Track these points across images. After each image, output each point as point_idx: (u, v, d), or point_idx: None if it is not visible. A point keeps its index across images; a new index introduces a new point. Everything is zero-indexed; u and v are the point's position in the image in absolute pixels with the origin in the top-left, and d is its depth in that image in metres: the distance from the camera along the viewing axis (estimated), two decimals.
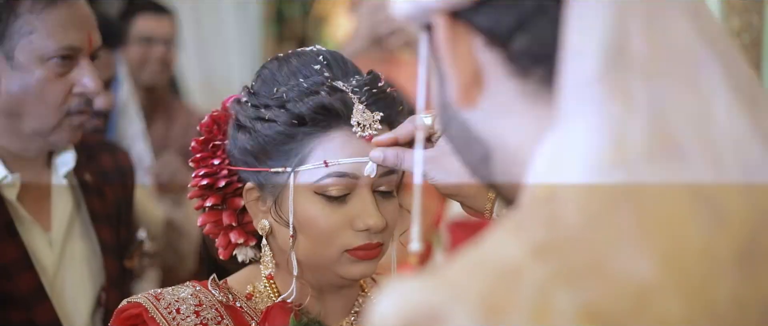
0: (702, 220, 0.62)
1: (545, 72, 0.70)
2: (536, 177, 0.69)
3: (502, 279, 0.61)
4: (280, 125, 1.23)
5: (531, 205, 0.67)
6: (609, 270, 0.60)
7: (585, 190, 0.63)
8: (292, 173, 1.24)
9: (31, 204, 1.75)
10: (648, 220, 0.62)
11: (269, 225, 1.28)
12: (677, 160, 0.63)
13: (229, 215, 1.31)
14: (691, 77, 0.66)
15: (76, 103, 1.68)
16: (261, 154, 1.26)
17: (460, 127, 0.76)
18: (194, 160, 1.32)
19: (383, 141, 1.23)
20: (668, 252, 0.61)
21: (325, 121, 1.23)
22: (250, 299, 1.30)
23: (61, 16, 1.66)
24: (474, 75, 0.72)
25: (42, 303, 1.69)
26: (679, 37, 0.67)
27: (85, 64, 1.68)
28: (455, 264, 0.64)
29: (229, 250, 1.32)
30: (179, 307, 1.27)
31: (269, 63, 1.32)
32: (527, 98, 0.71)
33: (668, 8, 0.67)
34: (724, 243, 0.62)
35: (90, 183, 1.83)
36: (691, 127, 0.64)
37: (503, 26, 0.70)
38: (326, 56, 1.29)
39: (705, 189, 0.63)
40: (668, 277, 0.60)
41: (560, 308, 0.59)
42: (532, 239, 0.62)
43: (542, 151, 0.69)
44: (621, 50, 0.65)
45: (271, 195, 1.27)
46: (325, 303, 1.32)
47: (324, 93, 1.23)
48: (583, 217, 0.62)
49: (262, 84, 1.28)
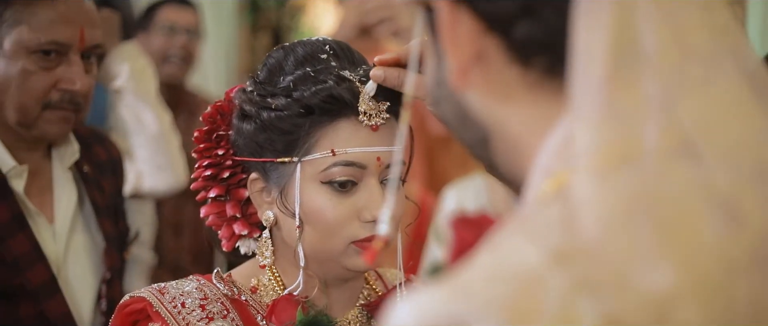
0: (719, 224, 0.60)
1: (549, 62, 0.69)
2: (542, 173, 0.67)
3: (524, 288, 0.59)
4: (286, 115, 1.22)
5: (540, 203, 0.65)
6: (629, 280, 0.59)
7: (597, 190, 0.61)
8: (299, 163, 1.22)
9: (35, 197, 1.74)
10: (665, 226, 0.60)
11: (274, 217, 1.26)
12: (692, 160, 0.61)
13: (233, 206, 1.29)
14: (705, 73, 0.64)
15: (57, 97, 1.66)
16: (266, 144, 1.24)
17: (455, 107, 0.74)
18: (197, 150, 1.30)
19: (386, 59, 1.21)
20: (686, 260, 0.59)
21: (332, 111, 1.21)
22: (255, 292, 1.29)
23: (50, 10, 1.65)
24: (473, 58, 0.70)
25: (53, 297, 1.68)
26: (693, 31, 0.65)
27: (74, 60, 1.66)
28: (473, 272, 0.62)
29: (232, 242, 1.30)
30: (184, 301, 1.25)
31: (275, 52, 1.30)
32: (530, 87, 0.70)
33: (682, 2, 0.65)
34: (742, 246, 0.61)
35: (89, 175, 1.82)
36: (705, 125, 0.62)
37: (505, 12, 0.68)
38: (332, 46, 1.27)
39: (721, 190, 0.61)
40: (687, 285, 0.59)
41: (584, 317, 0.58)
42: (550, 244, 0.61)
43: (549, 145, 0.68)
44: (632, 48, 0.63)
45: (276, 186, 1.25)
46: (329, 295, 1.30)
47: (331, 82, 1.21)
48: (599, 222, 0.60)
49: (268, 73, 1.26)
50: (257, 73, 1.28)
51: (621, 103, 0.62)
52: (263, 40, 5.01)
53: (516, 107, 0.71)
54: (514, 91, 0.70)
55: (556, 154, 0.67)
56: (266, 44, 5.01)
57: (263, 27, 5.03)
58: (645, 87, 0.62)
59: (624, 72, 0.63)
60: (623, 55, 0.63)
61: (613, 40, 0.63)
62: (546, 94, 0.69)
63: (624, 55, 0.63)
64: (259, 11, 5.06)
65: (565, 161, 0.65)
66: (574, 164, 0.63)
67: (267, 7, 5.10)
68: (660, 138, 0.61)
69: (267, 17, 5.07)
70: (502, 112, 0.71)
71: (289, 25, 5.06)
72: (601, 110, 0.62)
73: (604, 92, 0.62)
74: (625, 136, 0.62)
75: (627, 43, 0.63)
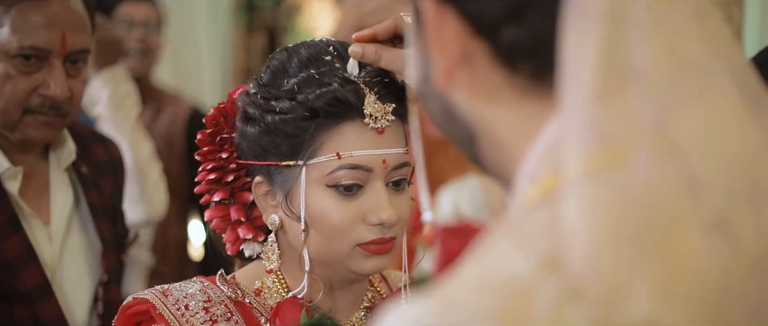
0: (712, 245, 0.59)
1: (535, 68, 0.67)
2: (528, 179, 0.66)
3: (513, 297, 0.58)
4: (291, 118, 1.21)
5: (527, 209, 0.64)
6: (617, 302, 0.57)
7: (587, 213, 0.59)
8: (304, 166, 1.22)
9: (31, 198, 1.73)
10: (655, 246, 0.58)
11: (279, 220, 1.25)
12: (684, 178, 0.59)
13: (238, 210, 1.29)
14: (700, 87, 0.62)
15: (38, 102, 1.65)
16: (271, 147, 1.23)
17: (441, 105, 0.73)
18: (201, 153, 1.29)
19: (363, 36, 1.22)
20: (677, 282, 0.58)
21: (337, 114, 1.21)
22: (259, 294, 1.28)
23: (30, 15, 1.64)
24: (459, 60, 0.69)
25: (47, 299, 1.67)
26: (687, 44, 0.63)
27: (55, 65, 1.65)
28: (460, 282, 0.61)
29: (236, 246, 1.30)
30: (188, 303, 1.24)
31: (278, 53, 1.29)
32: (517, 91, 0.68)
33: (675, 10, 0.63)
34: (736, 268, 0.60)
35: (87, 176, 1.80)
36: (699, 142, 0.60)
37: (491, 15, 0.67)
38: (336, 47, 1.26)
39: (714, 209, 0.59)
40: (678, 308, 0.57)
41: (575, 325, 0.57)
42: (538, 252, 0.60)
43: (535, 151, 0.67)
44: (622, 63, 0.61)
45: (281, 190, 1.24)
46: (334, 298, 1.30)
47: (336, 84, 1.21)
48: (588, 243, 0.59)
49: (272, 75, 1.26)
50: (260, 75, 1.28)
51: (610, 123, 0.60)
52: (259, 40, 4.99)
53: (503, 109, 0.70)
54: (501, 94, 0.69)
55: (542, 159, 0.66)
56: (262, 44, 4.99)
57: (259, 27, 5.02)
58: (636, 104, 0.60)
59: (614, 89, 0.61)
60: (613, 71, 0.61)
61: (602, 57, 0.61)
62: (533, 98, 0.68)
63: (614, 71, 0.61)
64: (254, 11, 5.05)
65: (552, 167, 0.64)
66: (562, 174, 0.61)
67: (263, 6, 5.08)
68: (650, 157, 0.59)
69: (263, 17, 5.06)
70: (488, 113, 0.70)
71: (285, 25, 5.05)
72: (591, 130, 0.60)
73: (593, 111, 0.61)
74: (614, 155, 0.60)
75: (617, 59, 0.61)
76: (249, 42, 4.98)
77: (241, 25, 5.00)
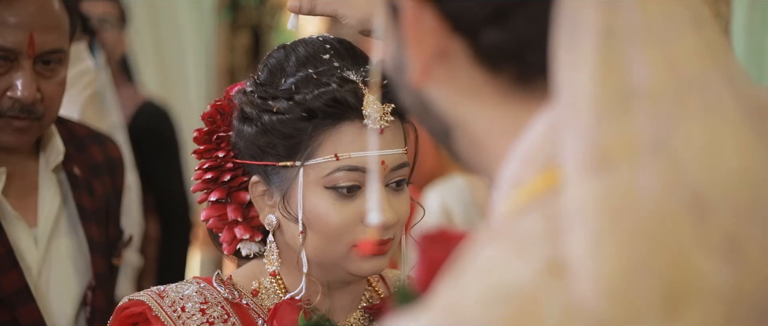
0: (721, 269, 0.58)
1: (518, 72, 0.66)
2: (511, 182, 0.65)
3: (522, 309, 0.57)
4: (288, 118, 1.19)
5: (516, 214, 0.63)
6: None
7: (595, 253, 0.58)
8: (302, 167, 1.20)
9: (17, 199, 1.69)
10: (665, 277, 0.57)
11: (276, 221, 1.24)
12: (690, 201, 0.58)
13: (234, 210, 1.27)
14: (700, 105, 0.60)
15: (8, 105, 1.61)
16: (268, 148, 1.21)
17: (416, 98, 0.71)
18: (197, 151, 1.27)
19: None
20: (697, 319, 0.57)
21: (335, 114, 1.19)
22: (256, 295, 1.27)
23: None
24: (436, 56, 0.68)
25: (27, 304, 1.63)
26: (686, 56, 0.61)
27: (24, 67, 1.60)
28: (462, 294, 0.59)
29: (233, 245, 1.28)
30: (184, 305, 1.22)
31: (275, 52, 1.27)
32: (498, 91, 0.67)
33: (672, 19, 0.61)
34: (750, 285, 0.59)
35: (79, 177, 1.76)
36: (703, 161, 0.59)
37: (472, 16, 0.65)
38: (335, 44, 1.25)
39: (722, 231, 0.58)
40: None
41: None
42: (538, 258, 0.59)
43: (517, 153, 0.65)
44: (621, 83, 0.59)
45: (278, 190, 1.23)
46: (332, 299, 1.28)
47: (334, 85, 1.19)
48: (597, 284, 0.57)
49: (269, 74, 1.24)
50: (258, 73, 1.26)
51: (611, 143, 0.59)
52: (243, 39, 4.97)
53: (482, 108, 0.68)
54: (481, 93, 0.68)
55: (526, 162, 0.65)
56: (246, 43, 4.97)
57: (243, 25, 4.99)
58: (636, 124, 0.59)
59: (614, 109, 0.59)
60: (612, 93, 0.59)
61: (599, 79, 0.59)
62: (516, 100, 0.67)
63: (613, 93, 0.59)
64: (238, 9, 5.02)
65: (536, 171, 0.63)
66: (564, 197, 0.60)
67: (247, 5, 5.05)
68: (654, 178, 0.58)
69: (247, 15, 5.03)
70: (466, 110, 0.69)
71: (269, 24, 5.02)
72: (591, 152, 0.59)
73: (593, 132, 0.59)
74: (617, 178, 0.58)
75: (615, 77, 0.59)
76: (233, 40, 4.95)
77: (225, 23, 4.97)
